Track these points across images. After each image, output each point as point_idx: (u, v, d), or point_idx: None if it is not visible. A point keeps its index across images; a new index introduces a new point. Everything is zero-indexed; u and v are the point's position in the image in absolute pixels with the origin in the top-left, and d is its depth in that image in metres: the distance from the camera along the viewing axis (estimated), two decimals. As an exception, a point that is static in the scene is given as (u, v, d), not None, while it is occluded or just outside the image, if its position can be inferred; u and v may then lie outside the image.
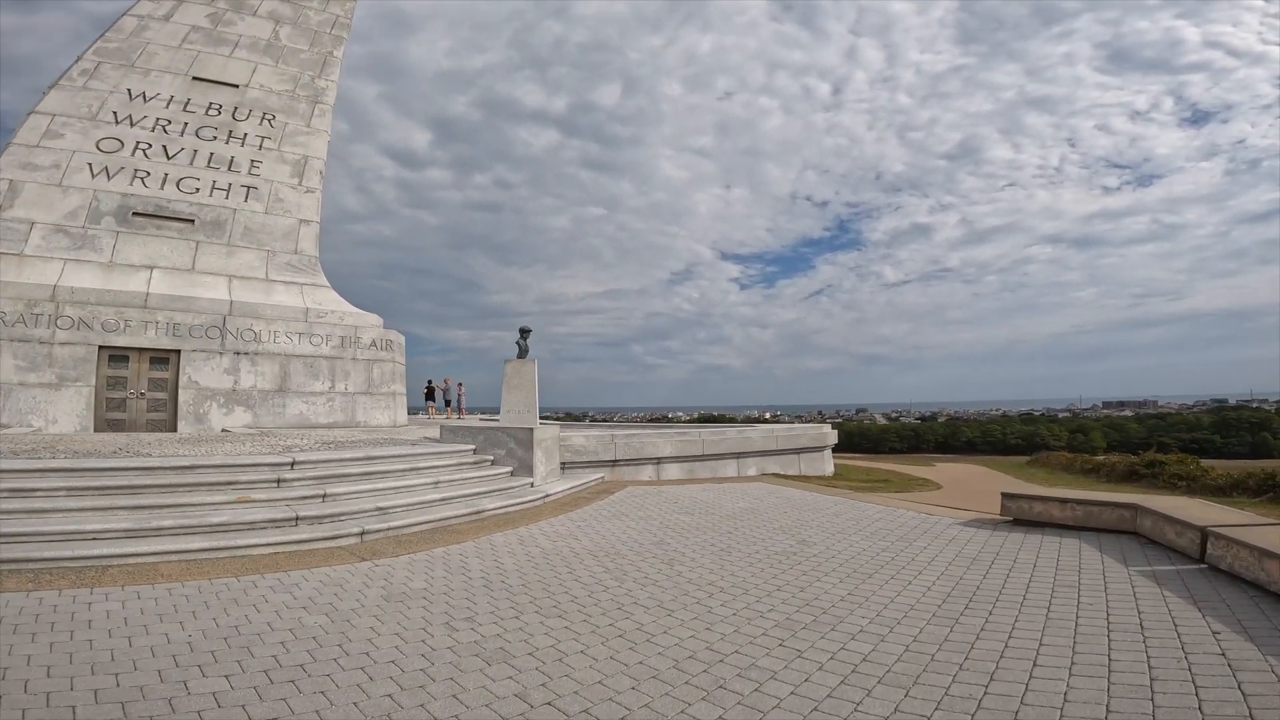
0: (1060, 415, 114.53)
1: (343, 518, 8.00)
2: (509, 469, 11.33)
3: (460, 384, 29.90)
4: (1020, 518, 8.15)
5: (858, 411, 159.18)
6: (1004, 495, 8.24)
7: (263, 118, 20.85)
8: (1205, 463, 16.55)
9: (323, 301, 18.92)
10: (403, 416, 19.42)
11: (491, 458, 11.55)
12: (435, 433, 13.65)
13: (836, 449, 20.59)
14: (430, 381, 29.83)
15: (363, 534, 7.72)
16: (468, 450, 11.58)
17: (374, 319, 19.23)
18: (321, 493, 8.44)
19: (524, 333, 12.21)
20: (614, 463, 13.40)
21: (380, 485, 9.15)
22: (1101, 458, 19.78)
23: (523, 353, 12.16)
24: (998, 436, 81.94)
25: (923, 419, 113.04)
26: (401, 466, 9.98)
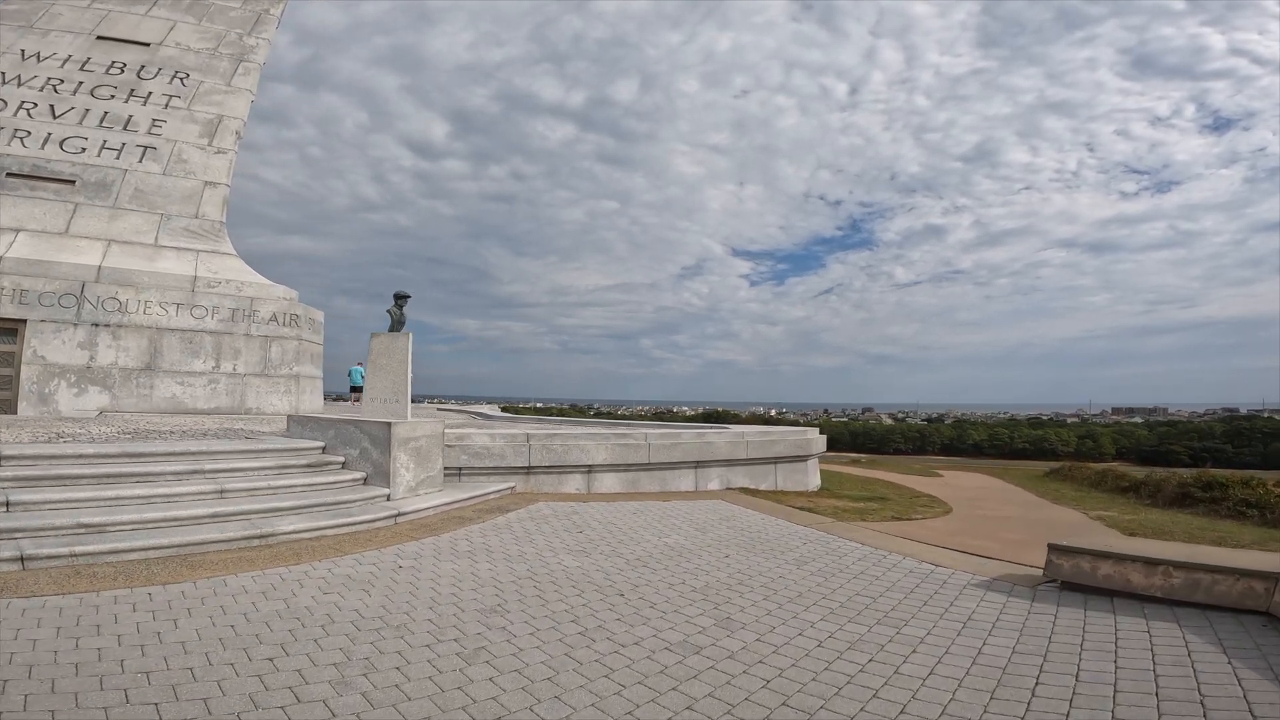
0: (1069, 420, 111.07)
1: (13, 535, 5.17)
2: (361, 475, 8.39)
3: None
4: (1074, 581, 5.13)
5: (864, 411, 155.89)
6: (1052, 549, 5.19)
7: (174, 76, 18.52)
8: (1274, 484, 13.42)
9: (219, 270, 16.02)
10: (310, 402, 16.49)
11: (342, 459, 8.63)
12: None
13: (837, 448, 17.75)
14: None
15: (22, 560, 4.90)
16: (312, 449, 8.66)
17: (280, 290, 16.32)
18: (4, 500, 5.60)
19: (399, 299, 9.21)
20: (528, 470, 10.45)
21: (121, 493, 6.26)
22: (1143, 475, 16.60)
23: (395, 324, 9.17)
24: (1005, 440, 78.83)
25: (929, 420, 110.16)
26: (179, 468, 7.06)
